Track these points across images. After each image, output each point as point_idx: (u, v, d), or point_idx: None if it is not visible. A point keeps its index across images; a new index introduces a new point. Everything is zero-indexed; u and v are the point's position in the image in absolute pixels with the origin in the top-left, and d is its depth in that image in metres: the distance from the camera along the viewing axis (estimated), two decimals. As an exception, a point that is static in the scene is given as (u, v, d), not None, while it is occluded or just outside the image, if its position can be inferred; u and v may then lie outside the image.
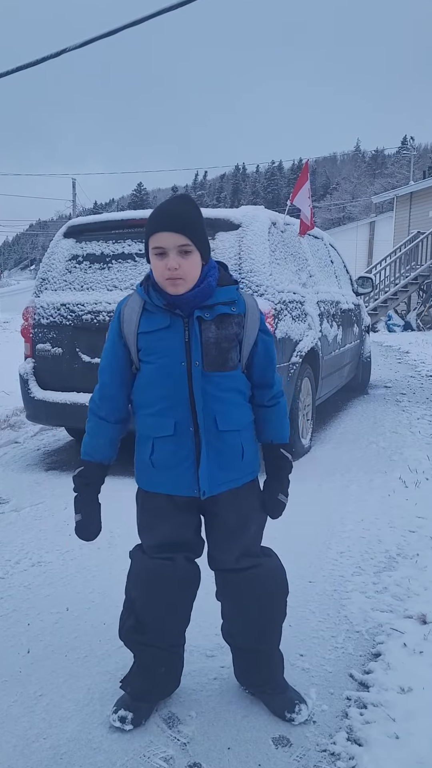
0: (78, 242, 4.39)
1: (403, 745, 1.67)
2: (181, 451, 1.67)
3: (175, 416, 1.66)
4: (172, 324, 1.65)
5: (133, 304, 1.71)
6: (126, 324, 1.70)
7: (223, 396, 1.68)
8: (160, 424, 1.67)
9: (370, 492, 3.73)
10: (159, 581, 1.74)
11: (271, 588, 1.80)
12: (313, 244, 5.46)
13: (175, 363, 1.64)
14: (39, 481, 4.04)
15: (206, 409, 1.65)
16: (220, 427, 1.67)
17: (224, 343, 1.66)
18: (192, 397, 1.64)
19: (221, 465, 1.69)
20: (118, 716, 1.75)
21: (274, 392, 1.80)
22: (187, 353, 1.64)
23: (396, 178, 54.08)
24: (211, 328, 1.65)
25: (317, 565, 2.77)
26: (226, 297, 1.68)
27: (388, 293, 16.92)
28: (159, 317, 1.66)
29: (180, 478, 1.68)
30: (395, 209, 23.52)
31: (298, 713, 1.78)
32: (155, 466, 1.70)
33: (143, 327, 1.67)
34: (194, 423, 1.65)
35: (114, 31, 7.43)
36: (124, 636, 1.83)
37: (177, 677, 1.87)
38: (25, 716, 1.81)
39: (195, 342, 1.64)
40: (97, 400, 1.76)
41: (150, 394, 1.69)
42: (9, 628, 2.29)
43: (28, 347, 4.36)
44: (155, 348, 1.67)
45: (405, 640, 2.16)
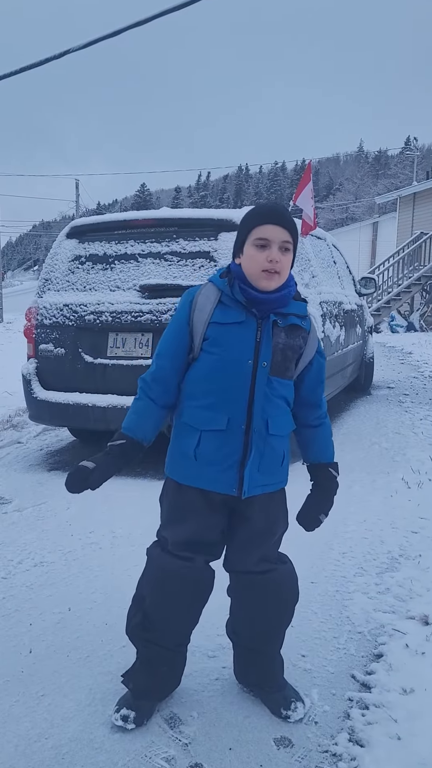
0: (81, 243, 4.40)
1: (405, 746, 1.67)
2: (228, 448, 1.67)
3: (230, 412, 1.66)
4: (246, 321, 1.67)
5: (208, 293, 1.71)
6: (198, 311, 1.69)
7: (277, 402, 1.70)
8: (211, 418, 1.67)
9: (373, 493, 3.73)
10: (174, 582, 1.73)
11: (283, 594, 1.82)
12: (316, 244, 5.46)
13: (242, 360, 1.65)
14: (41, 482, 4.04)
15: (262, 410, 1.66)
16: (270, 430, 1.68)
17: (289, 351, 1.70)
18: (252, 396, 1.65)
19: (262, 468, 1.69)
20: (121, 715, 1.76)
21: (321, 412, 1.83)
22: (256, 353, 1.65)
23: (399, 178, 54.05)
24: (281, 334, 1.69)
25: (319, 566, 2.77)
26: (299, 310, 1.73)
27: (391, 294, 16.90)
28: (235, 311, 1.67)
29: (221, 475, 1.67)
30: (398, 210, 23.50)
31: (293, 710, 1.79)
32: (198, 459, 1.68)
33: (216, 317, 1.68)
34: (247, 422, 1.66)
35: (117, 32, 7.43)
36: (130, 631, 1.83)
37: (178, 676, 1.88)
38: (26, 716, 1.82)
39: (266, 343, 1.66)
40: (149, 380, 1.73)
41: (205, 386, 1.68)
42: (11, 628, 2.29)
43: (31, 347, 4.37)
44: (224, 341, 1.67)
45: (407, 641, 2.15)
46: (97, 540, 3.06)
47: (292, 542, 1.99)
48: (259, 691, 1.87)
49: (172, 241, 4.08)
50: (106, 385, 4.04)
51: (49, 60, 7.83)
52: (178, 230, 4.11)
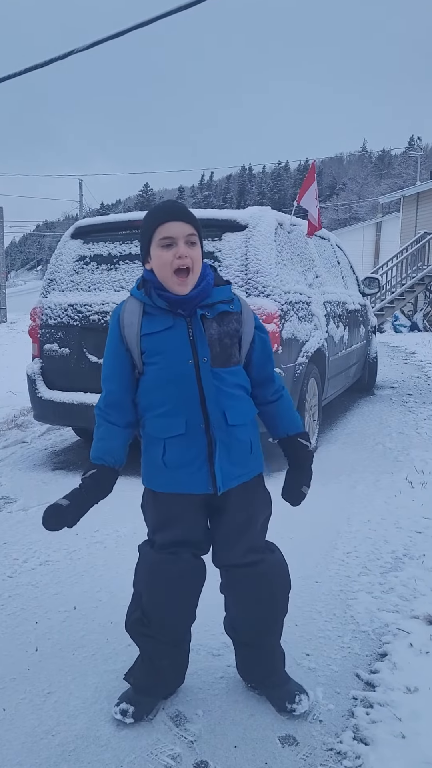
0: (85, 243, 4.41)
1: (410, 745, 1.68)
2: (194, 449, 1.68)
3: (186, 414, 1.67)
4: (175, 324, 1.68)
5: (132, 308, 1.72)
6: (127, 328, 1.71)
7: (230, 391, 1.71)
8: (170, 424, 1.68)
9: (377, 492, 3.73)
10: (163, 575, 1.76)
11: (275, 583, 1.83)
12: (320, 244, 5.46)
13: (182, 361, 1.66)
14: (46, 481, 4.06)
15: (216, 404, 1.67)
16: (230, 421, 1.69)
17: (226, 339, 1.70)
18: (202, 393, 1.66)
19: (232, 460, 1.71)
20: (120, 709, 1.78)
21: (276, 386, 1.83)
22: (193, 351, 1.66)
23: (403, 178, 53.97)
24: (213, 325, 1.69)
25: (324, 565, 2.77)
26: (223, 296, 1.73)
27: (394, 294, 16.88)
28: (161, 318, 1.68)
29: (193, 476, 1.69)
30: (402, 210, 23.47)
31: (298, 704, 1.80)
32: (168, 467, 1.70)
33: (146, 329, 1.69)
34: (205, 419, 1.67)
35: (121, 33, 7.46)
36: (129, 627, 1.85)
37: (181, 674, 1.89)
38: (33, 713, 1.83)
39: (201, 339, 1.67)
40: (103, 407, 1.75)
41: (157, 396, 1.70)
42: (17, 627, 2.31)
43: (35, 347, 4.39)
44: (160, 349, 1.68)
45: (411, 640, 2.16)
46: (101, 539, 3.07)
47: (296, 541, 2.01)
48: (262, 688, 1.88)
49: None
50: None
51: (54, 60, 7.85)
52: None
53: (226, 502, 1.74)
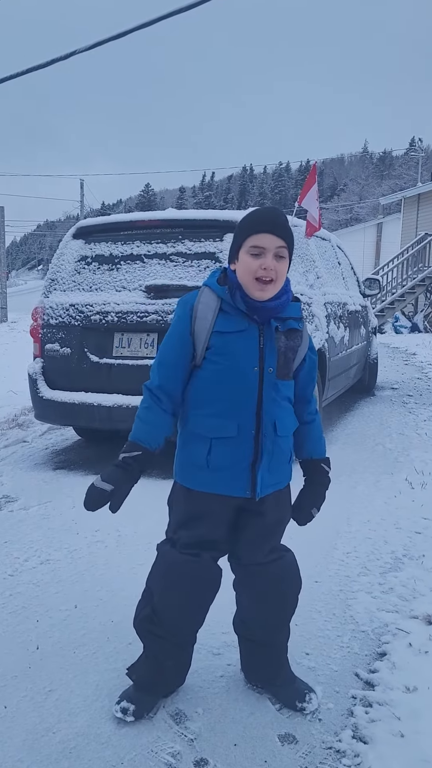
0: (87, 243, 4.42)
1: (409, 744, 1.69)
2: (239, 453, 1.70)
3: (239, 419, 1.68)
4: (248, 328, 1.69)
5: (208, 301, 1.71)
6: (199, 320, 1.70)
7: (283, 403, 1.74)
8: (221, 425, 1.69)
9: (377, 493, 3.74)
10: (181, 577, 1.76)
11: (290, 581, 1.86)
12: (321, 245, 5.47)
13: (248, 367, 1.68)
14: (47, 480, 4.07)
15: (270, 414, 1.70)
16: (279, 432, 1.72)
17: (290, 353, 1.73)
18: (260, 402, 1.68)
19: (271, 468, 1.73)
20: (120, 707, 1.79)
21: (312, 408, 1.86)
22: (261, 359, 1.68)
23: (404, 179, 53.98)
24: (282, 338, 1.72)
25: (323, 565, 2.78)
26: (295, 313, 1.76)
27: (395, 295, 16.90)
28: (236, 319, 1.69)
29: (234, 480, 1.70)
30: (403, 211, 23.48)
31: (309, 702, 1.83)
32: (210, 467, 1.71)
33: (219, 326, 1.69)
34: (257, 427, 1.69)
35: (123, 34, 7.47)
36: (137, 624, 1.86)
37: (182, 674, 1.90)
38: (34, 711, 1.84)
39: (270, 349, 1.69)
40: (157, 391, 1.72)
41: (212, 394, 1.70)
42: (18, 625, 2.32)
43: (37, 347, 4.39)
44: (228, 349, 1.68)
45: (410, 640, 2.17)
46: (102, 538, 3.08)
47: (297, 541, 2.01)
48: (269, 687, 1.89)
49: (177, 242, 4.10)
50: (111, 385, 4.07)
51: (56, 61, 7.87)
52: (183, 231, 4.13)
53: (261, 507, 1.76)
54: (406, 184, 42.38)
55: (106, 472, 1.69)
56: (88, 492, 1.68)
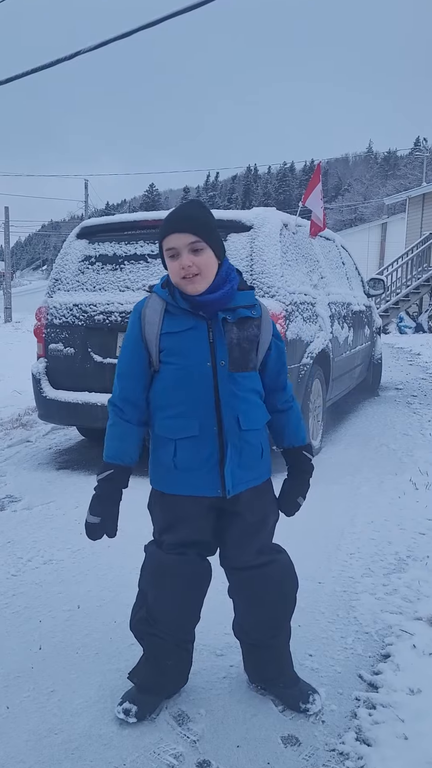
0: (91, 243, 4.42)
1: (412, 746, 1.68)
2: (205, 452, 1.69)
3: (200, 417, 1.68)
4: (196, 325, 1.69)
5: (154, 305, 1.73)
6: (148, 325, 1.71)
7: (245, 396, 1.72)
8: (183, 426, 1.69)
9: (381, 494, 3.73)
10: (170, 575, 1.77)
11: (284, 584, 1.84)
12: (325, 245, 5.46)
13: (201, 363, 1.67)
14: (50, 480, 4.07)
15: (230, 408, 1.68)
16: (243, 426, 1.70)
17: (245, 344, 1.71)
18: (218, 396, 1.67)
19: (242, 464, 1.72)
20: (123, 708, 1.79)
21: (287, 396, 1.84)
22: (212, 353, 1.67)
23: (408, 179, 53.88)
24: (234, 329, 1.70)
25: (327, 566, 2.77)
26: (246, 301, 1.74)
27: (399, 295, 16.87)
28: (182, 319, 1.69)
29: (203, 479, 1.70)
30: (407, 211, 23.44)
31: (312, 703, 1.82)
32: (178, 468, 1.71)
33: (166, 328, 1.70)
34: (218, 423, 1.68)
35: (127, 34, 7.47)
36: (134, 626, 1.86)
37: (185, 674, 1.89)
38: (37, 711, 1.84)
39: (220, 342, 1.68)
40: (119, 404, 1.75)
41: (172, 396, 1.70)
42: (21, 625, 2.31)
43: (40, 347, 4.40)
44: (179, 349, 1.69)
45: (414, 642, 2.16)
46: (105, 538, 3.07)
47: (300, 542, 2.01)
48: (273, 688, 1.88)
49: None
50: (115, 385, 4.06)
51: (61, 61, 7.87)
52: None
53: (237, 505, 1.74)
54: (410, 184, 42.31)
55: (90, 504, 1.75)
56: (85, 528, 1.76)
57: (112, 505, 1.74)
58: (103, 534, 1.75)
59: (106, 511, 1.73)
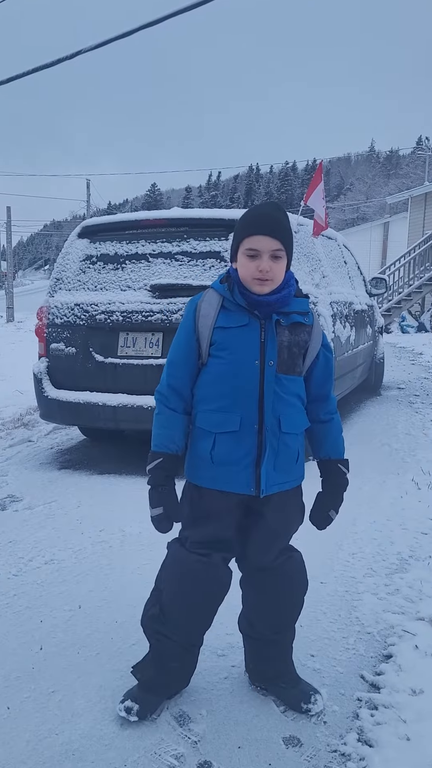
0: (92, 242, 4.42)
1: (414, 747, 1.67)
2: (243, 449, 1.69)
3: (242, 413, 1.68)
4: (249, 323, 1.70)
5: (211, 299, 1.74)
6: (202, 318, 1.73)
7: (288, 399, 1.72)
8: (225, 420, 1.69)
9: (383, 493, 3.72)
10: (191, 577, 1.76)
11: (296, 580, 1.86)
12: (327, 244, 5.45)
13: (249, 361, 1.68)
14: (52, 480, 4.07)
15: (273, 409, 1.69)
16: (284, 428, 1.71)
17: (295, 348, 1.72)
18: (262, 395, 1.68)
19: (277, 466, 1.72)
20: (125, 706, 1.78)
21: (330, 407, 1.84)
22: (262, 353, 1.68)
23: (411, 178, 53.79)
24: (285, 332, 1.71)
25: (329, 566, 2.77)
26: (300, 307, 1.76)
27: (401, 294, 16.84)
28: (237, 315, 1.70)
29: (238, 476, 1.70)
30: (410, 210, 23.40)
31: (314, 703, 1.81)
32: (215, 462, 1.71)
33: (221, 322, 1.71)
34: (260, 421, 1.68)
35: (128, 33, 7.46)
36: (145, 622, 1.85)
37: (187, 677, 1.89)
38: (37, 712, 1.83)
39: (271, 343, 1.69)
40: (165, 392, 1.76)
41: (217, 389, 1.71)
42: (22, 625, 2.31)
43: (42, 347, 4.40)
44: (230, 344, 1.70)
45: (417, 642, 2.15)
46: (107, 538, 3.07)
47: (302, 542, 2.00)
48: (274, 688, 1.88)
49: (182, 241, 4.09)
50: (116, 385, 4.06)
51: (62, 60, 7.87)
52: (188, 230, 4.12)
53: (265, 507, 1.74)
54: (413, 183, 42.24)
55: (149, 498, 1.74)
56: (152, 523, 1.75)
57: (168, 493, 1.74)
58: (171, 523, 1.74)
59: (164, 499, 1.72)
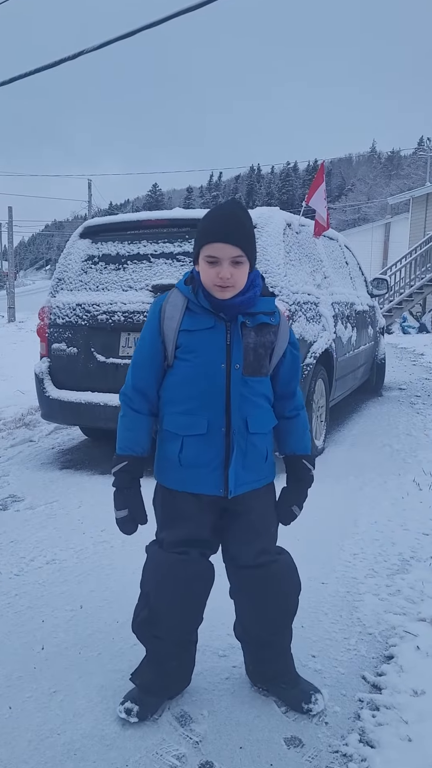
0: (94, 243, 4.42)
1: (416, 748, 1.67)
2: (211, 451, 1.70)
3: (209, 416, 1.69)
4: (215, 326, 1.69)
5: (175, 301, 1.73)
6: (167, 320, 1.72)
7: (255, 400, 1.72)
8: (192, 423, 1.70)
9: (384, 494, 3.72)
10: (172, 575, 1.76)
11: (286, 583, 1.84)
12: (328, 245, 5.45)
13: (215, 364, 1.68)
14: (53, 480, 4.07)
15: (240, 411, 1.69)
16: (251, 429, 1.71)
17: (261, 349, 1.72)
18: (228, 398, 1.68)
19: (246, 466, 1.72)
20: (125, 708, 1.79)
21: (296, 403, 1.84)
22: (228, 356, 1.68)
23: (412, 179, 53.76)
24: (251, 334, 1.71)
25: (330, 567, 2.77)
26: (266, 307, 1.74)
27: (403, 295, 16.82)
28: (203, 318, 1.70)
29: (207, 477, 1.71)
30: (411, 210, 23.38)
31: (315, 703, 1.81)
32: (183, 465, 1.72)
33: (186, 325, 1.70)
34: (227, 424, 1.68)
35: (130, 33, 7.46)
36: (136, 628, 1.85)
37: (187, 675, 1.89)
38: (39, 712, 1.83)
39: (237, 346, 1.68)
40: (130, 393, 1.76)
41: (183, 392, 1.71)
42: (23, 625, 2.31)
43: (43, 347, 4.40)
44: (196, 347, 1.70)
45: (418, 643, 2.15)
46: (108, 538, 3.07)
47: (303, 543, 2.00)
48: (275, 689, 1.88)
49: (184, 241, 4.09)
50: (117, 385, 4.01)
51: (64, 61, 7.88)
52: (190, 230, 4.12)
53: (239, 506, 1.75)
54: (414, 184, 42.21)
55: (114, 500, 1.77)
56: (117, 525, 1.79)
57: (134, 495, 1.75)
58: (136, 525, 1.77)
59: (130, 501, 1.75)
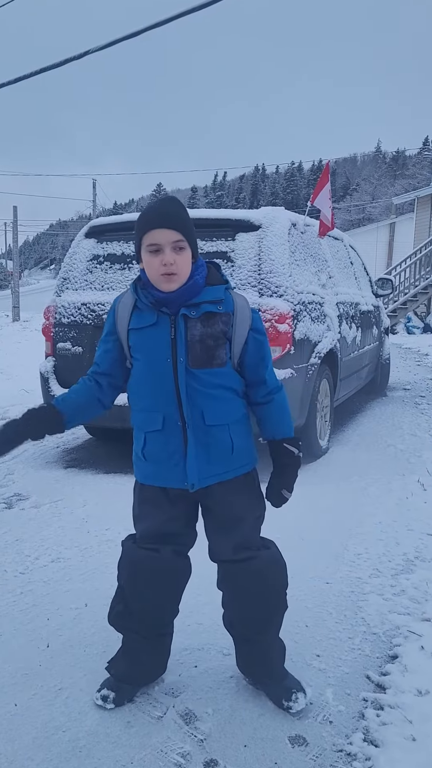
0: (99, 242, 4.43)
1: (420, 748, 1.67)
2: (171, 445, 1.72)
3: (163, 411, 1.71)
4: (159, 321, 1.70)
5: (126, 301, 1.77)
6: (120, 320, 1.77)
7: (210, 392, 1.71)
8: (150, 419, 1.73)
9: (388, 494, 3.72)
10: (143, 572, 1.80)
11: (268, 580, 1.81)
12: (333, 245, 5.45)
13: (161, 359, 1.70)
14: (58, 478, 4.08)
15: (193, 404, 1.69)
16: (208, 421, 1.71)
17: (210, 340, 1.69)
18: (178, 392, 1.69)
19: (209, 459, 1.72)
20: (101, 695, 1.83)
21: (269, 389, 1.80)
22: (173, 350, 1.68)
23: (417, 179, 53.64)
24: (197, 326, 1.69)
25: (334, 567, 2.77)
26: (212, 296, 1.71)
27: (407, 295, 16.80)
28: (147, 315, 1.72)
29: (170, 471, 1.73)
30: (416, 210, 23.35)
31: (294, 701, 1.80)
32: (147, 459, 1.76)
33: (133, 324, 1.74)
34: (182, 418, 1.70)
35: (135, 33, 7.47)
36: (112, 620, 1.89)
37: (162, 664, 1.93)
38: (44, 709, 1.84)
39: (180, 339, 1.68)
40: (99, 370, 1.81)
41: (140, 390, 1.76)
42: (29, 623, 2.32)
43: (48, 346, 4.41)
44: (143, 345, 1.73)
45: (422, 643, 2.15)
46: (113, 537, 3.08)
47: (308, 542, 2.00)
48: (260, 684, 1.89)
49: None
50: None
51: (69, 60, 7.89)
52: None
53: (208, 499, 1.77)
54: (419, 184, 42.14)
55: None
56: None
57: (8, 424, 1.74)
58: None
59: (9, 429, 1.72)
